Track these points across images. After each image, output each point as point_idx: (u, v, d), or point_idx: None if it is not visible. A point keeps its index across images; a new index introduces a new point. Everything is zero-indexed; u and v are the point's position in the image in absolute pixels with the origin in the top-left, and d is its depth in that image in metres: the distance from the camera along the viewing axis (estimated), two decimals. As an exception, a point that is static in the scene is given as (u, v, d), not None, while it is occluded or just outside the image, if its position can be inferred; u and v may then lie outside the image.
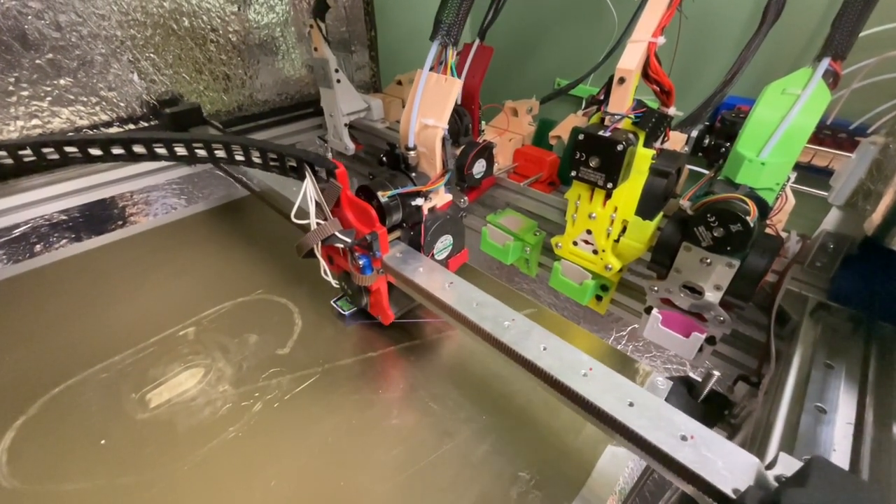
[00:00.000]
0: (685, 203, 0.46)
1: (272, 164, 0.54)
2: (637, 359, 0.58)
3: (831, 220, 0.51)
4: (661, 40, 0.44)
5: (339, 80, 0.90)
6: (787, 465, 0.31)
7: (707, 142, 0.58)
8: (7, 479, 0.44)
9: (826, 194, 0.50)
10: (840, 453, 0.36)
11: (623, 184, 0.50)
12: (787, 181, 0.49)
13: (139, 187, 0.89)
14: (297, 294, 0.67)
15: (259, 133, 1.05)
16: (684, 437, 0.33)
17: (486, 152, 0.69)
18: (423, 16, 1.17)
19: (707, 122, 0.58)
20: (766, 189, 0.44)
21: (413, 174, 0.55)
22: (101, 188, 0.85)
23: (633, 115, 0.47)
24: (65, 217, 0.82)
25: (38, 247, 0.78)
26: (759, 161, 0.43)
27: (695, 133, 0.58)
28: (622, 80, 0.45)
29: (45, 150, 0.51)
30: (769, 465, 0.31)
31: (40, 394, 0.51)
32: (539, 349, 0.41)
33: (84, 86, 0.81)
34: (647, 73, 0.46)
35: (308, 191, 0.50)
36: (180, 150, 0.54)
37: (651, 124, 0.48)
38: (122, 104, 0.87)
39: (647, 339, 0.57)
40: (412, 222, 0.56)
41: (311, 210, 0.50)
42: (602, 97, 0.49)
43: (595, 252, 0.57)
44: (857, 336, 0.47)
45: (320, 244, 0.52)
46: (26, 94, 0.76)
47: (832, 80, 0.42)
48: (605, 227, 0.54)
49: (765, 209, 0.44)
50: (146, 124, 0.91)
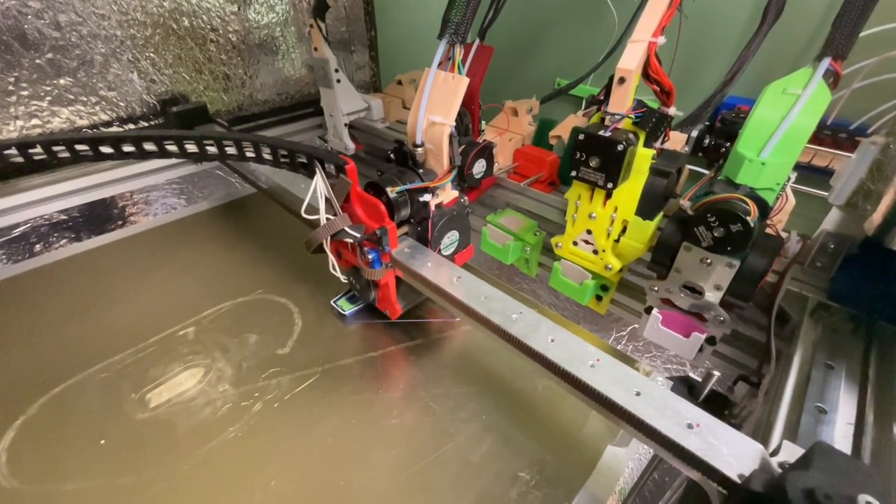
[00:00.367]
0: (685, 203, 0.46)
1: (282, 160, 0.54)
2: (637, 359, 0.58)
3: (831, 220, 0.51)
4: (661, 40, 0.44)
5: (339, 80, 0.90)
6: (791, 451, 0.31)
7: (707, 142, 0.58)
8: (7, 478, 0.44)
9: (826, 194, 0.50)
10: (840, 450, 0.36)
11: (623, 184, 0.50)
12: (788, 181, 0.49)
13: (139, 187, 0.89)
14: (297, 294, 0.67)
15: (259, 133, 1.05)
16: (690, 426, 0.34)
17: (486, 152, 0.69)
18: (423, 16, 1.18)
19: (707, 122, 0.58)
20: (766, 189, 0.44)
21: (421, 170, 0.55)
22: (101, 188, 0.85)
23: (633, 115, 0.47)
24: (65, 217, 0.82)
25: (37, 246, 0.78)
26: (760, 161, 0.43)
27: (695, 133, 0.58)
28: (622, 80, 0.45)
29: (55, 149, 0.51)
30: (773, 453, 0.32)
31: (40, 394, 0.51)
32: (547, 341, 0.42)
33: (84, 85, 0.81)
34: (647, 73, 0.46)
35: (318, 187, 0.51)
36: (191, 147, 0.54)
37: (651, 124, 0.48)
38: (122, 104, 0.87)
39: (647, 339, 0.57)
40: (420, 218, 0.57)
41: (321, 206, 0.51)
42: (602, 97, 0.49)
43: (595, 252, 0.57)
44: (857, 336, 0.47)
45: (330, 239, 0.52)
46: (26, 93, 0.76)
47: (832, 80, 0.42)
48: (606, 227, 0.54)
49: (765, 209, 0.44)
50: (146, 124, 0.91)
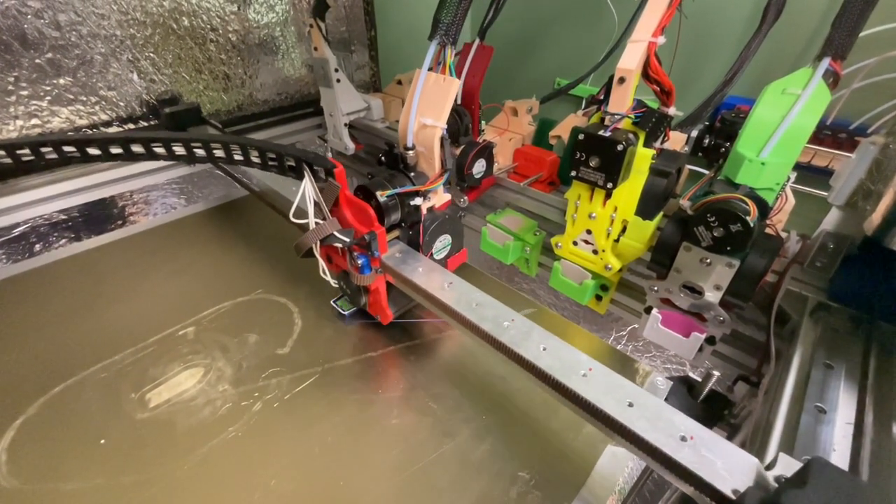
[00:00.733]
0: (685, 203, 0.46)
1: (271, 163, 0.54)
2: (637, 359, 0.58)
3: (831, 220, 0.51)
4: (661, 40, 0.44)
5: (338, 80, 0.90)
6: (787, 465, 0.31)
7: (707, 142, 0.58)
8: (6, 478, 0.44)
9: (826, 194, 0.50)
10: (840, 453, 0.36)
11: (623, 184, 0.50)
12: (787, 181, 0.49)
13: (139, 187, 0.89)
14: (296, 294, 0.67)
15: (259, 133, 1.05)
16: (684, 438, 0.33)
17: (486, 152, 0.69)
18: (422, 16, 1.17)
19: (707, 122, 0.58)
20: (766, 189, 0.44)
21: (412, 174, 0.55)
22: (101, 188, 0.85)
23: (633, 115, 0.47)
24: (64, 217, 0.82)
25: (37, 246, 0.78)
26: (759, 161, 0.43)
27: (695, 133, 0.58)
28: (622, 80, 0.45)
29: (43, 150, 0.52)
30: (769, 466, 0.31)
31: (40, 393, 0.51)
32: (539, 349, 0.41)
33: (83, 85, 0.81)
34: (647, 73, 0.46)
35: (307, 190, 0.50)
36: (179, 150, 0.54)
37: (651, 124, 0.48)
38: (122, 104, 0.87)
39: (646, 339, 0.57)
40: (411, 222, 0.56)
41: (310, 209, 0.50)
42: (602, 97, 0.49)
43: (595, 252, 0.57)
44: (856, 336, 0.47)
45: (319, 243, 0.52)
46: (26, 93, 0.76)
47: (832, 80, 0.42)
48: (605, 226, 0.54)
49: (765, 209, 0.44)
50: (146, 124, 0.91)
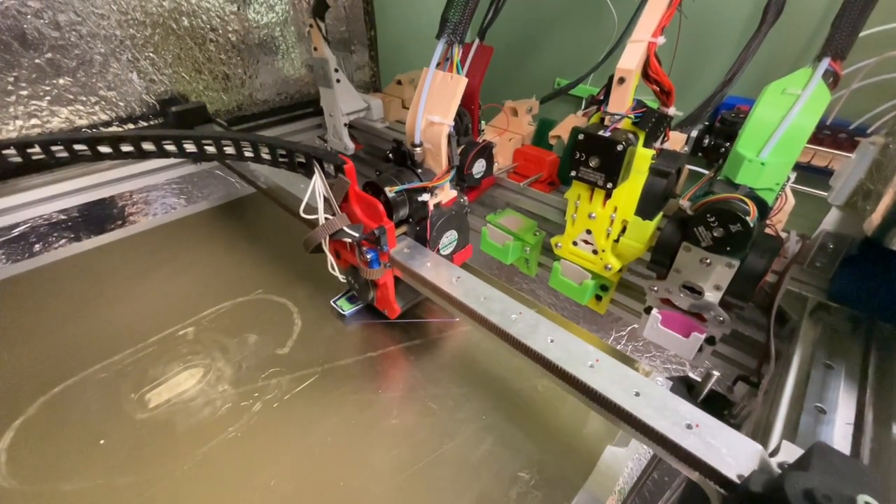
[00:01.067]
0: (685, 203, 0.46)
1: (281, 160, 0.54)
2: (637, 359, 0.58)
3: (831, 221, 0.51)
4: (661, 40, 0.44)
5: (338, 80, 0.90)
6: (790, 452, 0.31)
7: (707, 142, 0.58)
8: (6, 478, 0.44)
9: (826, 194, 0.50)
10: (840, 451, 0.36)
11: (623, 184, 0.50)
12: (787, 181, 0.49)
13: (138, 187, 0.89)
14: (296, 294, 0.67)
15: (259, 132, 1.05)
16: (689, 426, 0.34)
17: (486, 152, 0.69)
18: (423, 16, 1.17)
19: (707, 122, 0.58)
20: (765, 189, 0.44)
21: (419, 170, 0.55)
22: (101, 188, 0.85)
23: (632, 115, 0.47)
24: (64, 217, 0.82)
25: (37, 246, 0.77)
26: (759, 161, 0.43)
27: (695, 133, 0.58)
28: (622, 80, 0.45)
29: (54, 148, 0.51)
30: (772, 453, 0.32)
31: (39, 394, 0.51)
32: (546, 341, 0.42)
33: (83, 85, 0.81)
34: (646, 73, 0.46)
35: (317, 186, 0.50)
36: (189, 147, 0.54)
37: (651, 124, 0.48)
38: (122, 104, 0.87)
39: (646, 339, 0.57)
40: (418, 218, 0.57)
41: (320, 205, 0.51)
42: (602, 97, 0.49)
43: (595, 252, 0.57)
44: (856, 336, 0.47)
45: (328, 239, 0.52)
46: (25, 93, 0.76)
47: (832, 80, 0.42)
48: (605, 227, 0.54)
49: (764, 209, 0.44)
50: (146, 124, 0.91)
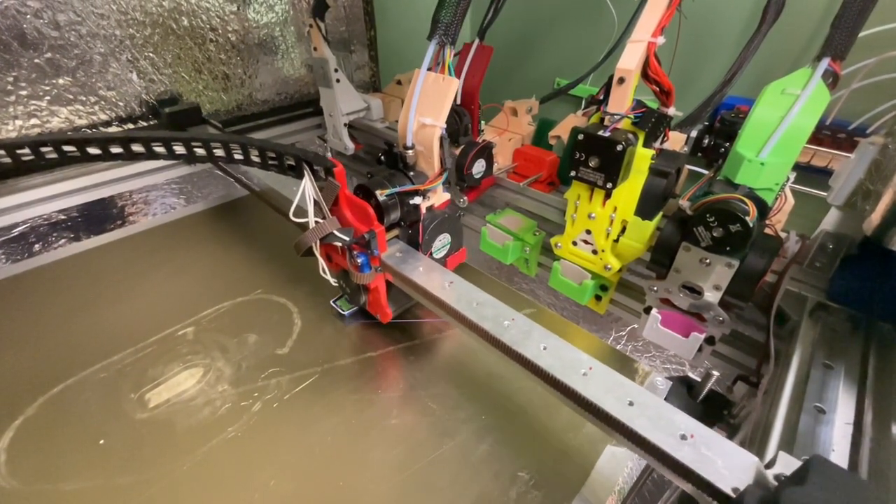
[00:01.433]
0: (684, 203, 0.46)
1: (271, 162, 0.54)
2: (636, 359, 0.58)
3: (830, 221, 0.51)
4: (660, 40, 0.44)
5: (338, 80, 0.90)
6: (787, 464, 0.31)
7: (706, 142, 0.58)
8: (6, 479, 0.44)
9: (825, 194, 0.50)
10: (839, 453, 0.36)
11: (622, 184, 0.50)
12: (787, 181, 0.49)
13: (138, 187, 0.89)
14: (296, 294, 0.67)
15: (258, 133, 1.05)
16: (684, 437, 0.33)
17: (486, 152, 0.69)
18: (422, 16, 1.17)
19: (706, 122, 0.58)
20: (765, 189, 0.44)
21: (411, 173, 0.55)
22: (100, 188, 0.84)
23: (632, 115, 0.47)
24: (63, 217, 0.82)
25: (36, 246, 0.78)
26: (759, 161, 0.43)
27: (694, 133, 0.58)
28: (622, 80, 0.45)
29: (43, 150, 0.51)
30: (768, 465, 0.32)
31: (39, 394, 0.51)
32: (539, 348, 0.41)
33: (83, 85, 0.81)
34: (646, 73, 0.46)
35: (306, 189, 0.50)
36: (179, 149, 0.54)
37: (651, 124, 0.48)
38: (121, 103, 0.87)
39: (646, 339, 0.57)
40: (410, 221, 0.56)
41: (310, 209, 0.50)
42: (602, 97, 0.49)
43: (594, 252, 0.57)
44: (856, 336, 0.47)
45: (319, 242, 0.52)
46: (25, 93, 0.76)
47: (832, 80, 0.42)
48: (605, 227, 0.54)
49: (764, 209, 0.44)
50: (145, 124, 0.91)
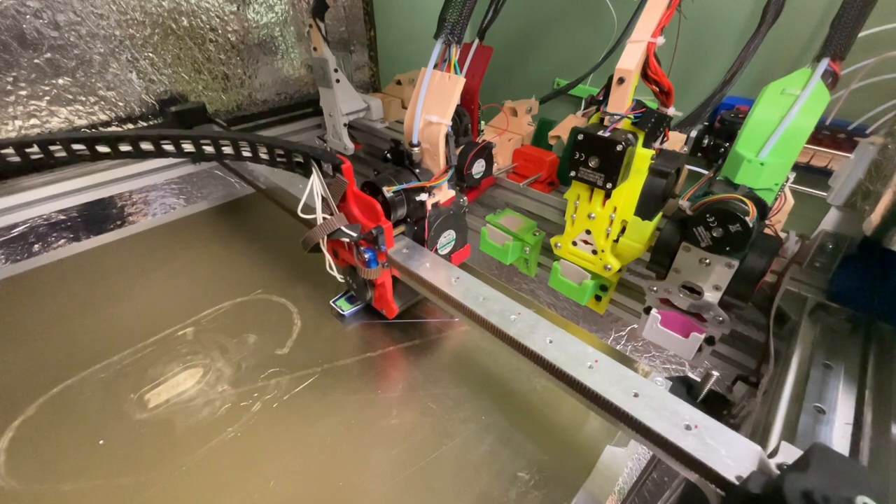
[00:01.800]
0: (684, 203, 0.46)
1: (279, 160, 0.54)
2: (636, 359, 0.58)
3: (830, 221, 0.51)
4: (660, 40, 0.44)
5: (338, 80, 0.90)
6: (789, 453, 0.31)
7: (706, 142, 0.58)
8: (5, 479, 0.43)
9: (825, 194, 0.50)
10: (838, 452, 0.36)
11: (622, 184, 0.50)
12: (786, 181, 0.49)
13: (138, 187, 0.89)
14: (296, 294, 0.67)
15: (258, 133, 1.05)
16: (688, 427, 0.34)
17: (486, 152, 0.69)
18: (422, 16, 1.17)
19: (706, 123, 0.58)
20: (765, 189, 0.44)
21: (417, 170, 0.55)
22: (100, 188, 0.84)
23: (632, 116, 0.47)
24: (63, 217, 0.82)
25: (36, 246, 0.77)
26: (759, 161, 0.43)
27: (694, 133, 0.58)
28: (621, 81, 0.45)
29: (52, 148, 0.51)
30: (771, 454, 0.32)
31: (38, 394, 0.51)
32: (545, 342, 0.42)
33: (83, 85, 0.81)
34: (646, 74, 0.46)
35: (315, 186, 0.51)
36: (188, 147, 0.54)
37: (650, 124, 0.48)
38: (121, 104, 0.87)
39: (646, 339, 0.57)
40: (416, 217, 0.57)
41: (318, 205, 0.51)
42: (601, 97, 0.49)
43: (594, 252, 0.57)
44: (855, 336, 0.47)
45: (326, 238, 0.52)
46: (24, 93, 0.76)
47: (831, 80, 0.42)
48: (605, 227, 0.54)
49: (764, 209, 0.44)
50: (145, 124, 0.91)
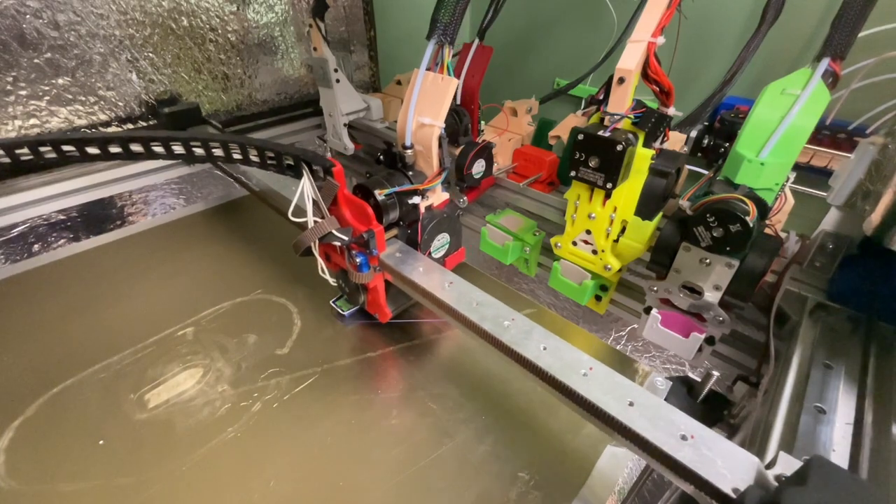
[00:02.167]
0: (684, 203, 0.46)
1: (269, 162, 0.54)
2: (636, 359, 0.58)
3: (830, 221, 0.51)
4: (660, 40, 0.44)
5: (338, 80, 0.90)
6: (787, 464, 0.31)
7: (706, 142, 0.58)
8: (5, 479, 0.43)
9: (825, 194, 0.50)
10: (839, 454, 0.36)
11: (622, 184, 0.50)
12: (787, 181, 0.49)
13: (138, 187, 0.89)
14: (296, 294, 0.67)
15: (258, 133, 1.05)
16: (684, 437, 0.33)
17: (486, 152, 0.69)
18: (422, 16, 1.17)
19: (706, 123, 0.58)
20: (765, 189, 0.44)
21: (410, 173, 0.55)
22: (100, 188, 0.84)
23: (632, 115, 0.47)
24: (63, 217, 0.82)
25: (36, 246, 0.77)
26: (759, 161, 0.43)
27: (694, 133, 0.58)
28: (622, 80, 0.45)
29: (42, 149, 0.51)
30: (769, 465, 0.31)
31: (38, 394, 0.51)
32: (539, 349, 0.41)
33: (82, 85, 0.81)
34: (646, 73, 0.46)
35: (305, 189, 0.50)
36: (178, 149, 0.54)
37: (650, 124, 0.48)
38: (121, 104, 0.87)
39: (646, 339, 0.57)
40: (409, 220, 0.56)
41: (309, 208, 0.50)
42: (602, 97, 0.49)
43: (594, 252, 0.57)
44: (856, 336, 0.47)
45: (317, 242, 0.52)
46: (24, 93, 0.76)
47: (831, 80, 0.42)
48: (605, 227, 0.54)
49: (764, 209, 0.44)
50: (144, 124, 0.91)
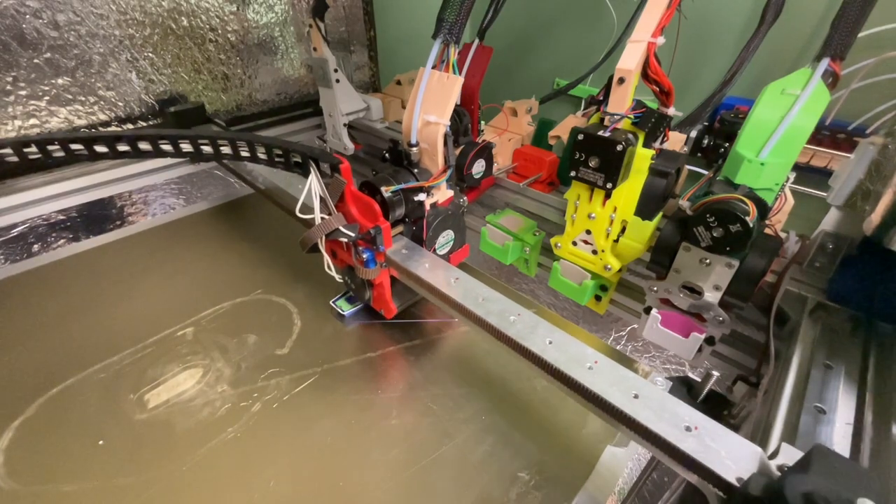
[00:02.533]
0: (684, 203, 0.46)
1: (277, 159, 0.54)
2: (636, 359, 0.58)
3: (830, 221, 0.51)
4: (660, 40, 0.44)
5: (338, 80, 0.90)
6: (789, 454, 0.31)
7: (706, 142, 0.58)
8: (4, 479, 0.43)
9: (825, 194, 0.50)
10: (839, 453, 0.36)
11: (622, 184, 0.50)
12: (786, 181, 0.49)
13: (137, 187, 0.89)
14: (296, 294, 0.67)
15: (258, 133, 1.05)
16: (688, 428, 0.34)
17: (486, 152, 0.69)
18: (422, 16, 1.17)
19: (706, 123, 0.58)
20: (765, 189, 0.44)
21: (416, 170, 0.55)
22: (100, 188, 0.84)
23: (632, 116, 0.47)
24: (63, 217, 0.82)
25: (35, 247, 0.77)
26: (759, 161, 0.43)
27: (694, 133, 0.58)
28: (622, 80, 0.45)
29: (50, 148, 0.51)
30: (771, 456, 0.32)
31: (38, 394, 0.51)
32: (545, 343, 0.42)
33: (82, 85, 0.81)
34: (646, 74, 0.46)
35: (313, 186, 0.51)
36: (186, 147, 0.54)
37: (650, 124, 0.48)
38: (121, 104, 0.87)
39: (646, 340, 0.57)
40: (414, 217, 0.57)
41: (316, 205, 0.51)
42: (601, 97, 0.49)
43: (594, 252, 0.57)
44: (856, 336, 0.47)
45: (324, 238, 0.52)
46: (24, 93, 0.76)
47: (831, 80, 0.42)
48: (605, 227, 0.54)
49: (764, 209, 0.44)
50: (144, 124, 0.91)
